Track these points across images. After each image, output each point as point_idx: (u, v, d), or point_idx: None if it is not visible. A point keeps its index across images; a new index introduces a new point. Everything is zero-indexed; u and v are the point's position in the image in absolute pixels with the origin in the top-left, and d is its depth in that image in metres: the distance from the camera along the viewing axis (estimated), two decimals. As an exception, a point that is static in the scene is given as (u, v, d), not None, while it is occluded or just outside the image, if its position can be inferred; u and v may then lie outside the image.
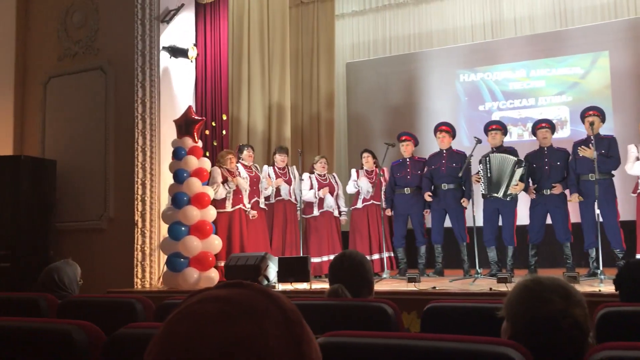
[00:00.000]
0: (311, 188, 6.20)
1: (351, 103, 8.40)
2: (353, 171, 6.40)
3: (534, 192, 5.40)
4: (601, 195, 4.92)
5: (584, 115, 5.31)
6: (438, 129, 5.90)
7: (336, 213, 6.21)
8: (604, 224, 5.04)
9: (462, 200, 5.61)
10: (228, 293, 0.71)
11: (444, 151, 5.84)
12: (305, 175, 6.31)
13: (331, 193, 6.20)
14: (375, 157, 6.34)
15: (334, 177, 6.39)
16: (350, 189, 6.27)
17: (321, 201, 6.15)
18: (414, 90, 7.99)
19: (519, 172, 5.27)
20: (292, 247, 6.12)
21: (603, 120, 5.27)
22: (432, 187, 5.82)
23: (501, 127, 5.67)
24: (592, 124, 5.13)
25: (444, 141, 5.82)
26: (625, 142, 5.37)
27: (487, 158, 5.45)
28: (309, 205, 6.21)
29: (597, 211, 4.87)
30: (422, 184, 5.89)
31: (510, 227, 5.45)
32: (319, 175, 6.30)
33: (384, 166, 6.07)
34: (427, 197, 5.75)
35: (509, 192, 5.32)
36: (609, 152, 5.11)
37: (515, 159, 5.33)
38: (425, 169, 5.94)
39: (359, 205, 6.18)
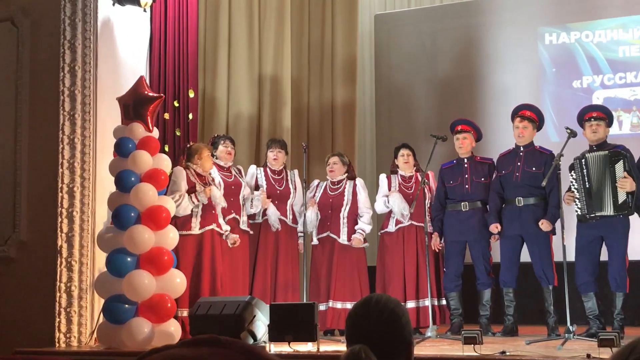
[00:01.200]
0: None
1: (381, 76, 8.44)
2: (382, 178, 6.44)
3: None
4: None
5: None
6: (518, 114, 5.92)
7: (343, 239, 6.19)
8: None
9: (540, 222, 5.64)
10: (196, 354, 0.70)
11: (521, 149, 5.89)
12: (315, 185, 6.40)
13: (336, 209, 6.24)
14: (416, 156, 6.38)
15: (355, 186, 6.39)
16: (379, 207, 6.34)
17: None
18: (475, 57, 7.98)
19: (620, 166, 5.34)
20: (290, 289, 6.17)
21: None
22: (503, 206, 5.86)
23: (605, 115, 5.70)
24: None
25: (524, 133, 5.85)
26: None
27: (583, 160, 5.47)
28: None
29: None
30: (488, 199, 5.96)
31: (621, 263, 5.46)
32: (331, 182, 6.38)
33: (429, 170, 6.11)
34: (493, 228, 5.83)
35: (619, 200, 5.34)
36: None
37: (604, 153, 5.41)
38: (494, 176, 5.98)
39: (391, 227, 6.22)
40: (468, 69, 8.00)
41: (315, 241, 6.25)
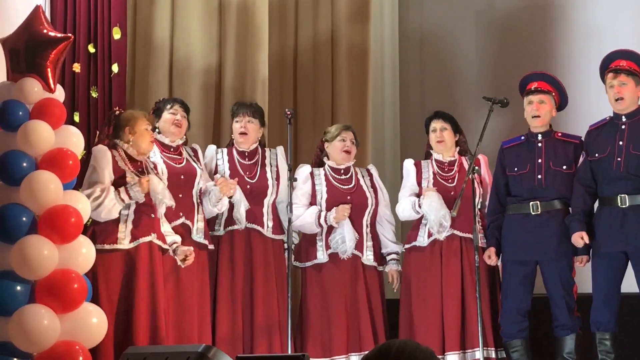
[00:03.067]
0: (314, 203, 6.29)
1: (408, 8, 8.47)
2: (409, 166, 6.48)
3: None
4: None
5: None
6: (610, 67, 5.93)
7: (368, 259, 6.26)
8: None
9: None
10: None
11: (623, 119, 5.90)
12: (302, 171, 6.36)
13: (357, 213, 6.28)
14: (460, 131, 6.41)
15: (372, 177, 6.47)
16: (406, 211, 6.35)
17: (329, 232, 6.30)
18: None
19: None
20: (276, 332, 6.19)
21: None
22: (596, 207, 5.88)
23: None
24: None
25: (623, 92, 5.86)
26: None
27: None
28: (309, 241, 6.31)
29: None
30: (572, 197, 5.97)
31: None
32: (333, 170, 6.36)
33: (480, 153, 6.15)
34: (578, 239, 5.83)
35: None
36: None
37: None
38: (581, 161, 6.00)
39: (422, 240, 6.26)
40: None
41: (322, 257, 6.23)
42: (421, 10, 8.43)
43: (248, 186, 6.22)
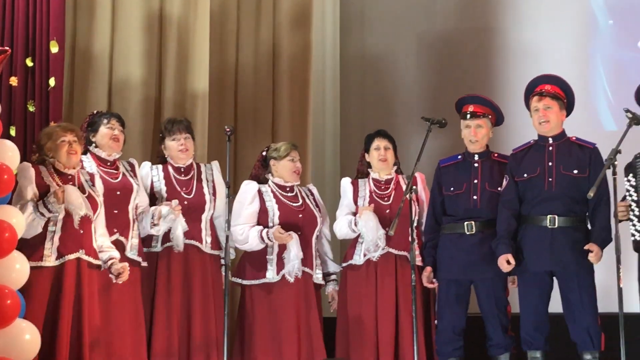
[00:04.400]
0: (262, 221, 6.25)
1: (350, 29, 8.54)
2: (346, 185, 6.47)
3: None
4: None
5: None
6: (535, 91, 6.02)
7: (317, 277, 6.29)
8: None
9: (589, 249, 5.67)
10: None
11: (550, 141, 5.96)
12: (250, 188, 6.31)
13: (308, 231, 6.28)
14: (396, 150, 6.44)
15: (314, 196, 6.49)
16: (342, 229, 6.35)
17: (282, 250, 6.21)
18: (492, 4, 8.13)
19: None
20: (213, 350, 6.15)
21: None
22: (520, 228, 5.92)
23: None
24: None
25: (548, 116, 5.93)
26: None
27: (643, 162, 5.57)
28: (253, 260, 6.26)
29: None
30: (497, 220, 6.00)
31: None
32: (279, 187, 6.34)
33: (418, 171, 6.15)
34: (503, 262, 5.83)
35: None
36: None
37: None
38: (505, 183, 6.04)
39: (358, 258, 6.25)
40: (481, 20, 8.11)
41: (271, 276, 6.16)
42: (362, 31, 8.47)
43: (185, 202, 6.15)
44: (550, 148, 5.94)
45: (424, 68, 8.26)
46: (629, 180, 5.58)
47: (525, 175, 5.94)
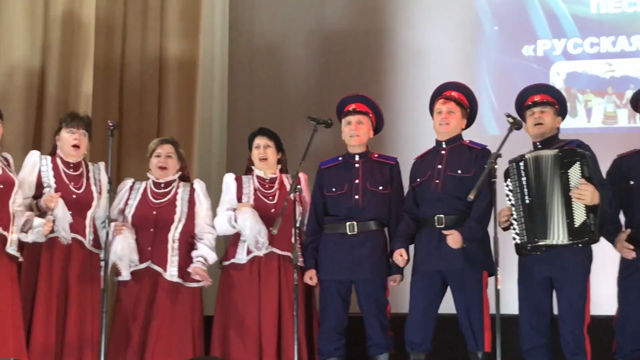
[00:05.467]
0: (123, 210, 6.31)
1: (239, 25, 8.54)
2: (229, 181, 6.45)
3: (631, 245, 5.63)
4: None
5: None
6: (442, 95, 6.06)
7: (172, 275, 6.19)
8: None
9: (478, 252, 5.76)
10: None
11: (443, 145, 6.02)
12: (125, 185, 6.34)
13: (163, 227, 6.23)
14: (282, 149, 6.43)
15: (192, 192, 6.42)
16: (222, 225, 6.30)
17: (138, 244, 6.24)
18: (381, 5, 8.15)
19: (575, 170, 5.49)
20: (88, 348, 6.07)
21: None
22: (416, 228, 5.98)
23: (553, 99, 5.89)
24: None
25: (449, 119, 5.98)
26: None
27: (522, 164, 5.63)
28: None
29: None
30: (388, 220, 6.09)
31: (577, 318, 5.61)
32: (154, 184, 6.34)
33: (303, 170, 6.13)
34: (397, 256, 5.91)
35: (576, 220, 5.47)
36: None
37: (554, 151, 5.56)
38: (408, 189, 6.10)
39: (241, 257, 6.23)
40: (370, 22, 8.17)
41: (125, 275, 6.17)
42: (252, 28, 8.43)
43: (74, 196, 6.08)
44: (443, 152, 5.99)
45: (312, 67, 8.28)
46: (507, 185, 5.66)
47: (418, 180, 6.01)
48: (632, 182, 5.72)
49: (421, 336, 5.87)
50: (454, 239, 5.71)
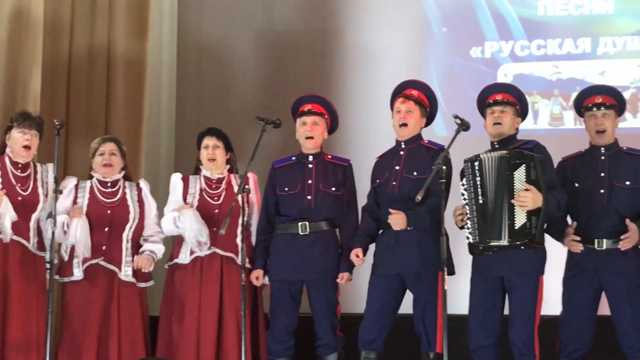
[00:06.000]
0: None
1: (188, 23, 8.52)
2: (176, 180, 6.44)
3: (577, 242, 5.71)
4: None
5: None
6: (402, 93, 6.07)
7: (127, 275, 6.19)
8: None
9: (435, 255, 5.68)
10: None
11: (402, 145, 6.03)
12: (70, 183, 6.28)
13: (118, 227, 6.22)
14: (231, 149, 6.42)
15: (140, 192, 6.40)
16: (168, 225, 6.29)
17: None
18: (330, 4, 8.17)
19: (521, 173, 5.52)
20: (33, 350, 6.02)
21: None
22: (377, 227, 6.01)
23: (515, 99, 5.91)
24: None
25: (408, 119, 5.98)
26: None
27: (477, 164, 5.65)
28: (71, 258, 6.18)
29: None
30: (340, 220, 6.12)
31: (526, 320, 5.66)
32: (100, 182, 6.29)
33: (251, 170, 6.15)
34: (353, 256, 5.93)
35: (517, 223, 5.51)
36: None
37: (502, 153, 5.58)
38: (370, 190, 6.12)
39: (184, 257, 6.22)
40: (319, 21, 8.18)
41: (78, 275, 6.11)
42: (200, 27, 8.42)
43: (20, 197, 6.05)
44: (402, 152, 6.00)
45: (261, 67, 8.28)
46: (462, 185, 5.67)
47: (377, 181, 6.02)
48: (577, 185, 5.80)
49: (374, 335, 5.87)
50: (396, 218, 5.75)
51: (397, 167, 5.94)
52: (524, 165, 5.50)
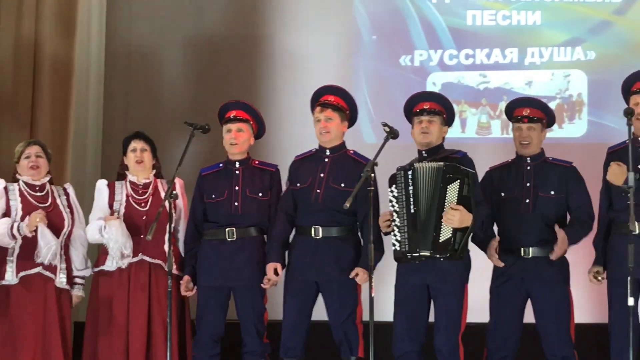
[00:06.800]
0: (5, 213, 6.10)
1: (117, 26, 8.48)
2: (101, 187, 6.37)
3: (501, 254, 5.79)
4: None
5: (628, 90, 5.80)
6: (319, 101, 6.07)
7: (60, 282, 6.11)
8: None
9: (353, 274, 5.76)
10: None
11: (327, 152, 6.05)
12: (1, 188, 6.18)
13: (53, 233, 6.10)
14: (155, 152, 6.38)
15: (68, 196, 6.34)
16: (93, 234, 6.21)
17: (29, 247, 6.05)
18: (259, 9, 8.21)
19: (454, 188, 5.55)
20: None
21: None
22: (293, 237, 6.00)
23: (442, 108, 5.94)
24: (632, 112, 5.46)
25: (328, 127, 5.99)
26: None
27: (410, 173, 5.65)
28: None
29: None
30: (273, 223, 6.08)
31: (452, 326, 5.70)
32: (28, 185, 6.18)
33: (178, 176, 6.10)
34: (270, 270, 5.91)
35: (442, 236, 5.54)
36: None
37: (439, 164, 5.58)
38: (285, 188, 6.12)
39: (111, 265, 6.14)
40: (249, 27, 8.21)
41: (12, 279, 6.02)
42: (129, 31, 8.35)
43: None
44: (326, 160, 6.00)
45: (190, 71, 8.25)
46: (392, 192, 5.67)
47: (298, 184, 6.00)
48: (503, 194, 5.86)
49: (294, 342, 5.90)
50: (362, 277, 5.76)
51: (322, 175, 5.95)
52: (458, 180, 5.52)
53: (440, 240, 5.50)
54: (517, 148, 5.92)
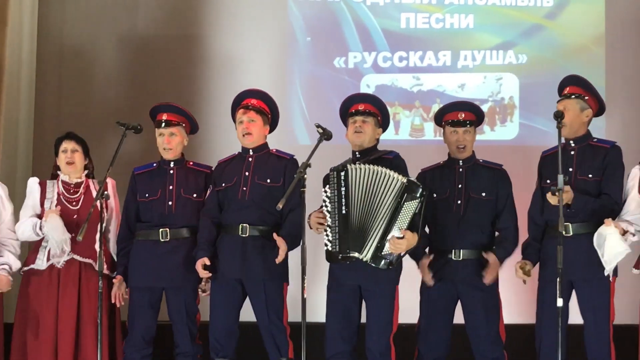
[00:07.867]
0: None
1: (49, 26, 8.42)
2: (33, 184, 6.34)
3: (433, 258, 5.85)
4: (580, 269, 5.57)
5: (559, 93, 5.89)
6: (241, 104, 6.10)
7: None
8: (585, 329, 5.67)
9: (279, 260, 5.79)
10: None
11: (250, 152, 6.07)
12: None
13: None
14: (87, 152, 6.36)
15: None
16: (26, 232, 6.17)
17: None
18: (194, 9, 8.23)
19: (411, 207, 5.59)
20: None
21: (597, 108, 5.83)
22: (220, 236, 5.99)
23: (376, 109, 5.98)
24: (561, 115, 5.53)
25: (251, 128, 6.01)
26: (630, 155, 5.87)
27: (343, 173, 5.68)
28: None
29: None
30: (198, 227, 6.05)
31: (384, 329, 5.74)
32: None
33: (110, 177, 6.05)
34: (199, 266, 5.87)
35: (384, 250, 5.59)
36: (605, 179, 5.66)
37: (402, 179, 5.61)
38: (209, 192, 6.11)
39: (41, 263, 6.12)
40: (183, 28, 8.21)
41: None
42: (61, 29, 8.28)
43: None
44: (250, 159, 6.02)
45: (124, 71, 8.19)
46: (325, 192, 5.70)
47: (223, 184, 6.00)
48: (435, 195, 5.90)
49: (222, 342, 5.90)
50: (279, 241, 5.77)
51: (247, 173, 5.97)
52: (417, 200, 5.55)
53: (380, 253, 5.57)
54: (453, 151, 5.96)
